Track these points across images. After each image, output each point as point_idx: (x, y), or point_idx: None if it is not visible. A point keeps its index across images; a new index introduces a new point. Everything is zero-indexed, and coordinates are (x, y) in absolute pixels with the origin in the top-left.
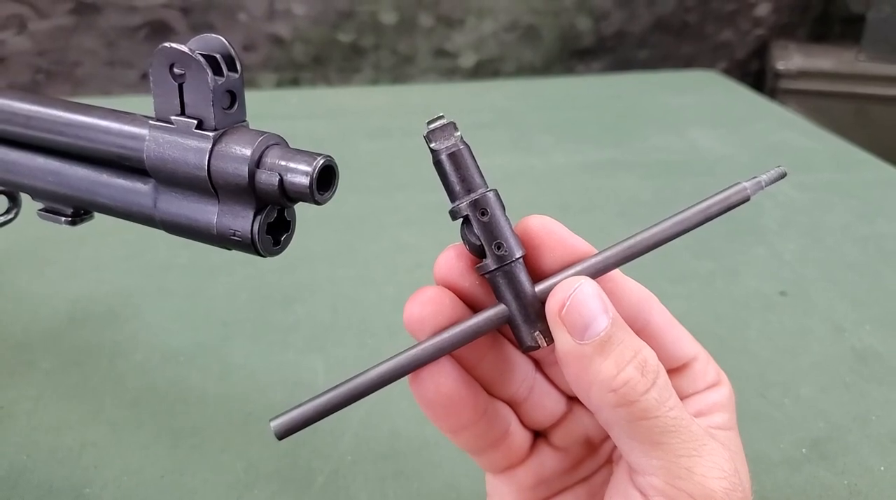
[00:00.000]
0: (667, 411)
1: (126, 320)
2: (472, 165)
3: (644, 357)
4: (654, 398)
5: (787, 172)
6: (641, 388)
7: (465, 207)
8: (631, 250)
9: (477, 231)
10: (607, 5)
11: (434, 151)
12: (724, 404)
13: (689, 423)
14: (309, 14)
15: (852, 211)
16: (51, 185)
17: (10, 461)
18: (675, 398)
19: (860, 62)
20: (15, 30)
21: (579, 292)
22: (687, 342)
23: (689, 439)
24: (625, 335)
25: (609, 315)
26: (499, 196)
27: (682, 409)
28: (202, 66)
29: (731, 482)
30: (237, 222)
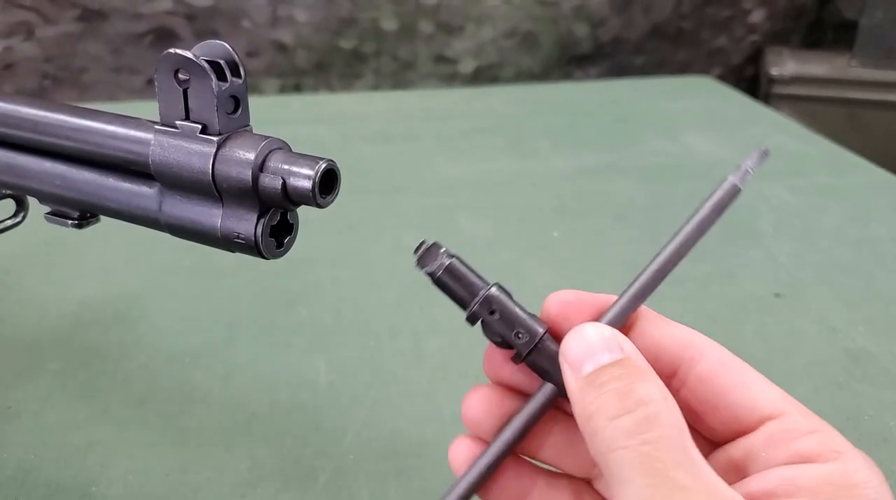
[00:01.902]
0: (638, 444)
1: (132, 322)
2: (468, 272)
3: (627, 387)
4: (625, 426)
5: (769, 150)
6: (612, 412)
7: (477, 311)
8: (646, 287)
9: (495, 328)
10: (604, 12)
11: (430, 275)
12: (812, 488)
13: (665, 466)
14: (311, 21)
15: (845, 214)
16: (58, 188)
17: (18, 459)
18: (662, 436)
19: (853, 68)
20: (22, 36)
21: (577, 331)
22: (762, 397)
23: (660, 483)
24: (626, 371)
25: (614, 354)
26: (502, 288)
27: (665, 450)
28: (206, 71)
29: None
30: (241, 225)
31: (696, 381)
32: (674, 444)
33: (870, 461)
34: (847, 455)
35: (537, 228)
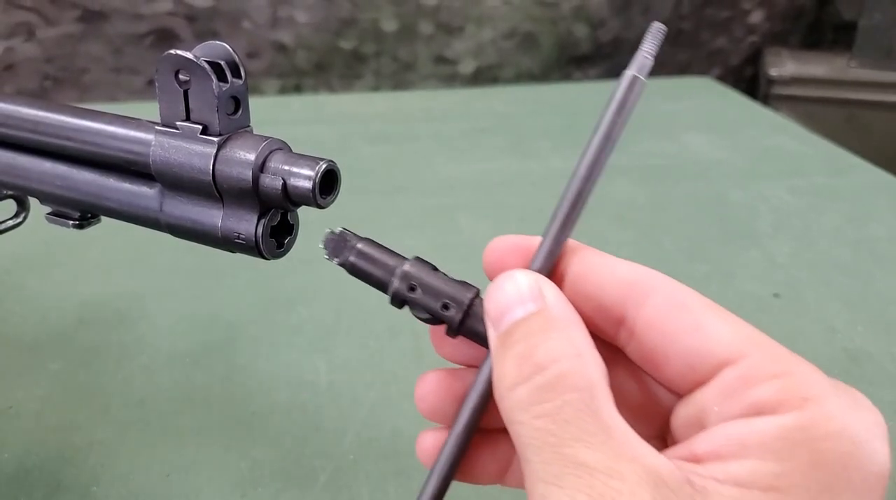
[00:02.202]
0: (530, 417)
1: (133, 322)
2: (383, 254)
3: (530, 349)
4: (520, 398)
5: (663, 26)
6: (509, 382)
7: (399, 292)
8: (568, 218)
9: (420, 304)
10: (604, 13)
11: (342, 265)
12: (763, 444)
13: (560, 441)
14: (311, 22)
15: (844, 215)
16: (58, 189)
17: (20, 459)
18: (560, 406)
19: (852, 69)
20: (23, 37)
21: (496, 281)
22: (717, 340)
23: (553, 460)
24: (534, 328)
25: (528, 306)
26: (421, 260)
27: (562, 422)
28: (207, 72)
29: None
30: (241, 226)
31: (644, 327)
32: (574, 413)
33: (856, 403)
34: (816, 401)
35: (537, 228)
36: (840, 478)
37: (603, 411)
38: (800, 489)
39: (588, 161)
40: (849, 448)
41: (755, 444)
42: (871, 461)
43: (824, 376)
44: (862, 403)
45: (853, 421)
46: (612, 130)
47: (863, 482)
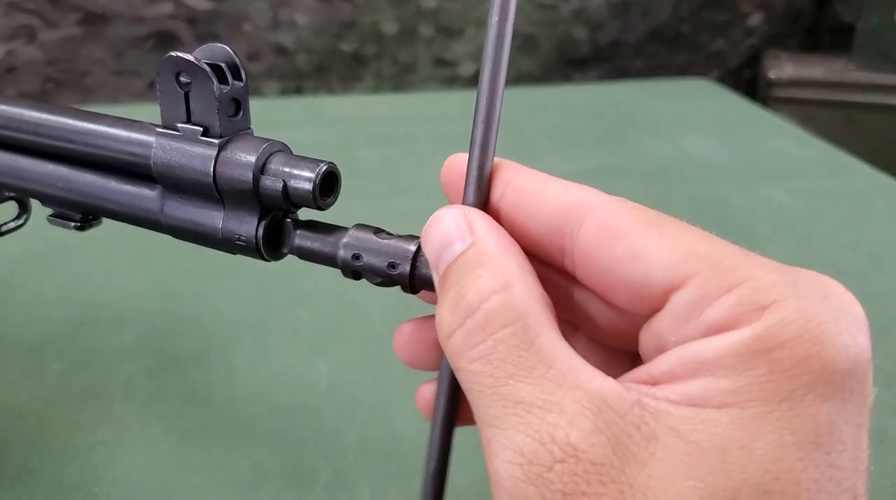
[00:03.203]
0: (467, 363)
1: (134, 323)
2: (321, 230)
3: (461, 291)
4: (456, 345)
5: None
6: (446, 330)
7: (345, 262)
8: (486, 136)
9: (371, 270)
10: (603, 16)
11: (290, 252)
12: (717, 361)
13: (496, 381)
14: (312, 24)
15: (842, 216)
16: (60, 191)
17: (22, 460)
18: (493, 346)
19: (850, 71)
20: (25, 40)
21: (433, 218)
22: (656, 265)
23: (492, 403)
24: (465, 267)
25: (457, 244)
26: (360, 226)
27: (497, 362)
28: (208, 74)
29: (527, 470)
30: (242, 227)
31: (581, 258)
32: (508, 350)
33: (823, 298)
34: (774, 308)
35: None
36: (800, 382)
37: (539, 341)
38: (756, 403)
39: (487, 75)
40: (810, 350)
41: (711, 362)
42: (840, 358)
43: (785, 273)
44: (831, 295)
45: (816, 320)
46: (500, 33)
47: (828, 381)
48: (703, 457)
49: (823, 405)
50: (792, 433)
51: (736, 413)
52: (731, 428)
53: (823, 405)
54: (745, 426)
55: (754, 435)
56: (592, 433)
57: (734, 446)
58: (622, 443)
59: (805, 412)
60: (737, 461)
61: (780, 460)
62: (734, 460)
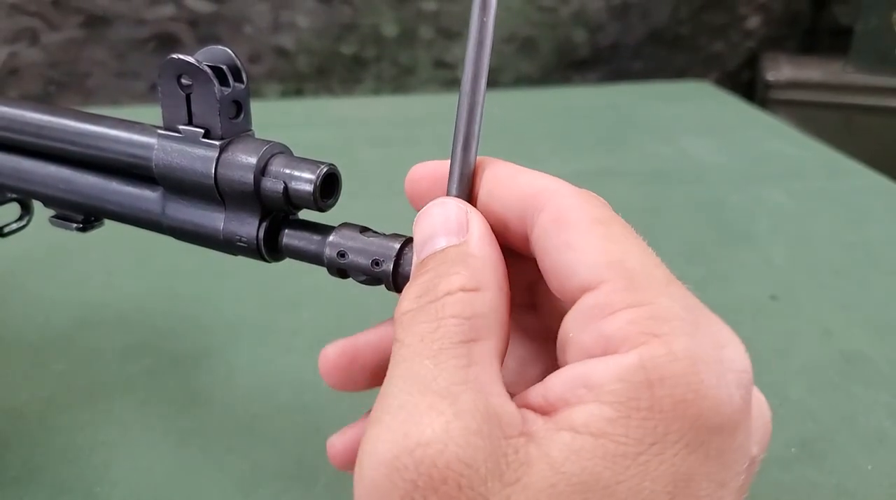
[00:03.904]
0: (406, 335)
1: (135, 324)
2: (308, 229)
3: (435, 279)
4: (407, 319)
5: None
6: (405, 307)
7: (331, 260)
8: (468, 133)
9: (356, 268)
10: (602, 18)
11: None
12: (602, 387)
13: (415, 354)
14: (313, 27)
15: (841, 218)
16: (62, 192)
17: (23, 460)
18: (436, 327)
19: (848, 73)
20: (27, 42)
21: (422, 212)
22: (582, 261)
23: (397, 382)
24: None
25: (450, 239)
26: (346, 225)
27: (429, 340)
28: (209, 76)
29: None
30: (243, 229)
31: (534, 244)
32: (444, 335)
33: (714, 345)
34: (664, 339)
35: None
36: (673, 428)
37: (477, 346)
38: (629, 442)
39: (469, 74)
40: (686, 394)
41: (597, 387)
42: (712, 412)
43: (692, 311)
44: (724, 347)
45: (700, 365)
46: (481, 34)
47: (697, 433)
48: (566, 491)
49: (688, 457)
50: (652, 482)
51: (609, 448)
52: (601, 465)
53: (688, 457)
54: (613, 465)
55: (619, 477)
56: (474, 433)
57: (598, 485)
58: (495, 458)
59: (669, 461)
60: (598, 498)
61: None
62: (595, 497)
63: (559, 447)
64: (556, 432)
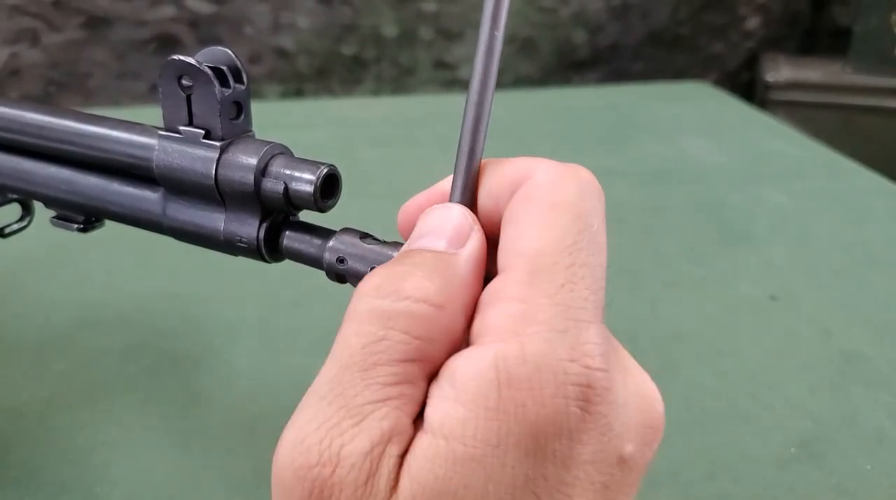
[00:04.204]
0: (352, 324)
1: (135, 324)
2: (309, 232)
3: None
4: (362, 306)
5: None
6: (367, 287)
7: (330, 265)
8: (473, 142)
9: (354, 273)
10: (602, 19)
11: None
12: (468, 383)
13: (349, 362)
14: (313, 27)
15: (840, 218)
16: (63, 193)
17: (24, 460)
18: (380, 338)
19: (847, 74)
20: (28, 43)
21: (428, 210)
22: (511, 244)
23: (329, 377)
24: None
25: (441, 243)
26: (347, 230)
27: (368, 351)
28: (209, 77)
29: (307, 456)
30: (243, 229)
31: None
32: (383, 351)
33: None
34: (524, 341)
35: None
36: (513, 431)
37: (410, 367)
38: (477, 441)
39: (476, 84)
40: (526, 399)
41: (457, 385)
42: (551, 420)
43: (571, 315)
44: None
45: (546, 371)
46: (490, 45)
47: (534, 437)
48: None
49: (525, 460)
50: (495, 485)
51: (459, 450)
52: (451, 471)
53: (525, 460)
54: (462, 467)
55: (466, 481)
56: (363, 454)
57: (449, 491)
58: (377, 478)
59: (510, 464)
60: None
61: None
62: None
63: (417, 455)
64: (419, 438)
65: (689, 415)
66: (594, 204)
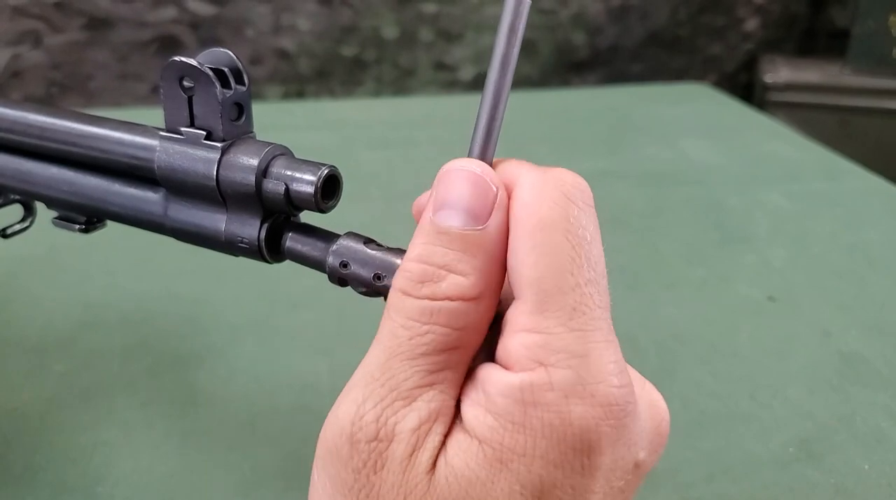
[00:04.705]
0: (399, 317)
1: (136, 325)
2: (313, 235)
3: (442, 269)
4: (403, 305)
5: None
6: (402, 284)
7: (332, 268)
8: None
9: (357, 279)
10: (601, 20)
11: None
12: (498, 399)
13: (397, 353)
14: (313, 29)
15: (838, 219)
16: (65, 194)
17: (26, 460)
18: (426, 331)
19: (845, 75)
20: (30, 44)
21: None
22: (515, 270)
23: (381, 361)
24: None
25: (462, 218)
26: (351, 234)
27: (416, 343)
28: (211, 79)
29: (366, 431)
30: (245, 230)
31: None
32: (429, 343)
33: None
34: (549, 371)
35: None
36: (538, 445)
37: (451, 360)
38: (504, 449)
39: (492, 89)
40: (553, 420)
41: (489, 396)
42: (574, 438)
43: (587, 340)
44: (601, 381)
45: (574, 396)
46: (507, 52)
47: (560, 452)
48: (453, 483)
49: (553, 470)
50: (521, 486)
51: (489, 452)
52: (481, 465)
53: (553, 470)
54: (490, 466)
55: (494, 477)
56: (412, 431)
57: (478, 481)
58: (423, 448)
59: (536, 472)
60: (476, 494)
61: None
62: (475, 493)
63: (454, 445)
64: (457, 429)
65: (687, 415)
66: (583, 212)
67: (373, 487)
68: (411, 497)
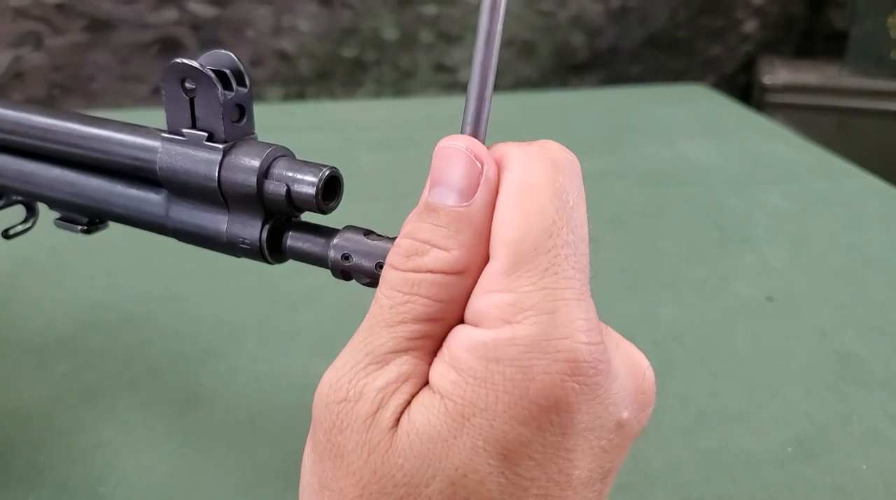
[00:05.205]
0: (386, 290)
1: (138, 325)
2: (312, 231)
3: (428, 243)
4: (390, 277)
5: None
6: (394, 259)
7: (335, 262)
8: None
9: (360, 270)
10: (601, 22)
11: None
12: (461, 354)
13: (378, 322)
14: (314, 31)
15: (837, 220)
16: (67, 195)
17: (27, 460)
18: (406, 300)
19: (843, 77)
20: (32, 46)
21: (448, 144)
22: (494, 233)
23: (366, 331)
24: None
25: (447, 194)
26: (350, 228)
27: (395, 310)
28: (212, 80)
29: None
30: (246, 231)
31: None
32: (408, 311)
33: (549, 344)
34: (514, 327)
35: None
36: (500, 400)
37: (429, 330)
38: (464, 403)
39: (478, 69)
40: (515, 375)
41: (453, 352)
42: (543, 394)
43: (556, 297)
44: (568, 336)
45: (536, 352)
46: (490, 29)
47: (526, 408)
48: (414, 439)
49: (517, 426)
50: (484, 441)
51: (450, 406)
52: (443, 420)
53: (517, 426)
54: (452, 421)
55: (456, 432)
56: (379, 389)
57: (439, 437)
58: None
59: (499, 427)
60: (438, 450)
61: (470, 460)
62: (436, 449)
63: (418, 401)
64: (423, 389)
65: (686, 415)
66: (568, 179)
67: (340, 447)
68: (374, 456)
